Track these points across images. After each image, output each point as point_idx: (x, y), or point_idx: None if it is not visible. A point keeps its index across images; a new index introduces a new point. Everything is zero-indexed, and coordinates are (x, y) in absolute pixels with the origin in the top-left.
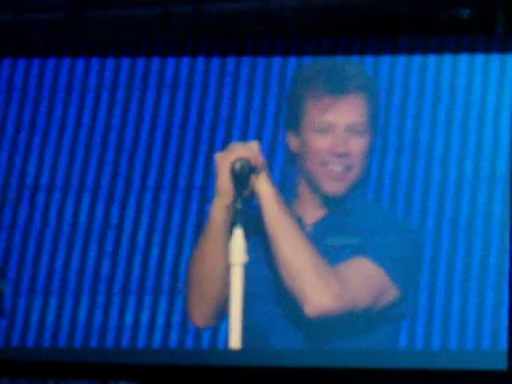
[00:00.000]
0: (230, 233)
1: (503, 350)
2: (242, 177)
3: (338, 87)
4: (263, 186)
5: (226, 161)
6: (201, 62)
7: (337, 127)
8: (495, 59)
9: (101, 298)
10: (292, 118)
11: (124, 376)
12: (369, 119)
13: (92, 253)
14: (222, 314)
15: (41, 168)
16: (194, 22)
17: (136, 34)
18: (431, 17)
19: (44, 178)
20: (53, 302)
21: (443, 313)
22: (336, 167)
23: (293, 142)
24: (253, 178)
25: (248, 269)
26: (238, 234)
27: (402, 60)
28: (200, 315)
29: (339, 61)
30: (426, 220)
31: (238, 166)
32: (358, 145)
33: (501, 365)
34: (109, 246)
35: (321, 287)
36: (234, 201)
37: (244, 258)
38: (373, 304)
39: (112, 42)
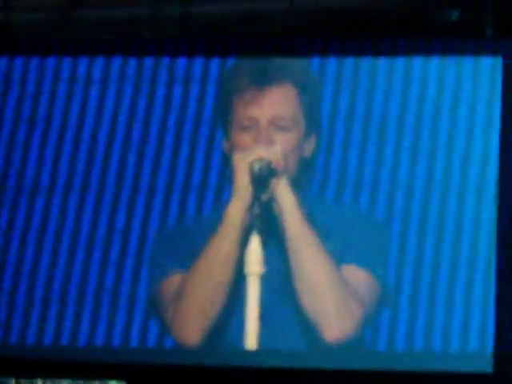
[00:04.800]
0: (245, 240)
1: (489, 353)
2: (261, 179)
3: (262, 79)
4: (284, 193)
5: (244, 160)
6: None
7: (260, 121)
8: (484, 61)
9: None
10: (221, 118)
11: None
12: (298, 113)
13: (95, 260)
14: (214, 328)
15: (40, 168)
16: (183, 23)
17: (126, 34)
18: (420, 18)
19: (44, 179)
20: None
21: (427, 313)
22: None
23: (224, 142)
24: (273, 181)
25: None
26: (256, 242)
27: (383, 62)
28: (194, 331)
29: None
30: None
31: (256, 166)
32: (282, 140)
33: (486, 368)
34: (113, 254)
35: (345, 312)
36: (252, 205)
37: (261, 267)
38: (369, 308)
39: (101, 41)
